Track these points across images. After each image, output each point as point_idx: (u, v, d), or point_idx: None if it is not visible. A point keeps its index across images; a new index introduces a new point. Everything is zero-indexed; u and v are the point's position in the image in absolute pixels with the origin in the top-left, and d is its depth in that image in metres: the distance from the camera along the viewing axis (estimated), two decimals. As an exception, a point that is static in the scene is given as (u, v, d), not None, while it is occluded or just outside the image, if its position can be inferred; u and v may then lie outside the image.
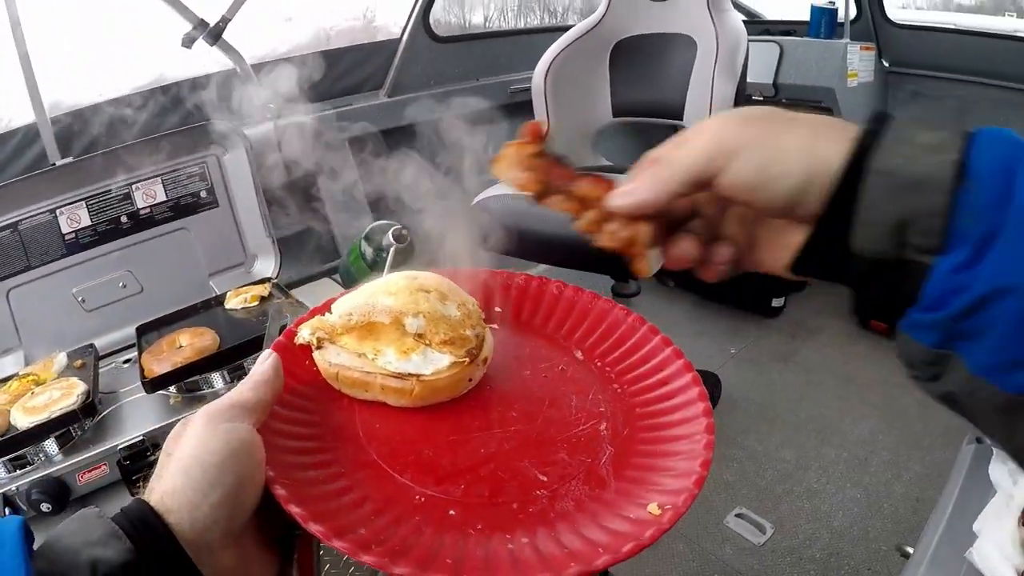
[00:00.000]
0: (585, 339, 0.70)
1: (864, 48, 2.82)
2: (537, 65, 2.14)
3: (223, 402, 0.51)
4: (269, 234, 1.72)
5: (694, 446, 0.55)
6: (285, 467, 0.51)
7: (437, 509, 0.51)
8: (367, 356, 0.60)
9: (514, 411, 0.61)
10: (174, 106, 2.00)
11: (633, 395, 0.63)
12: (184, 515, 0.45)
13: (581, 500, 0.53)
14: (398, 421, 0.59)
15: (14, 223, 1.51)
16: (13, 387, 1.34)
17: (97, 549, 0.41)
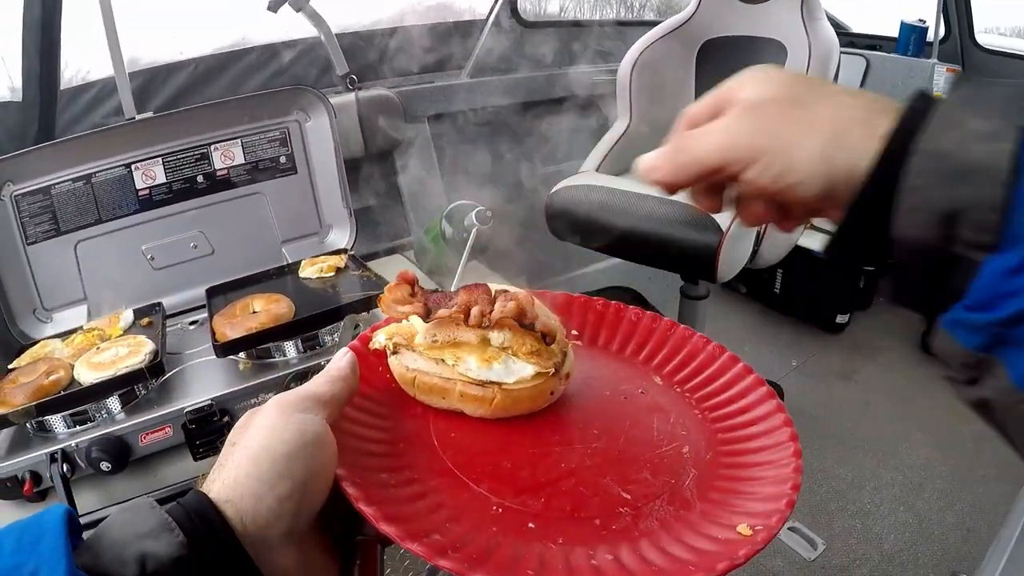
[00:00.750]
0: (664, 365, 0.69)
1: (950, 70, 2.76)
2: (624, 57, 2.09)
3: (297, 392, 0.49)
4: (347, 205, 1.67)
5: (781, 471, 0.53)
6: (356, 468, 0.49)
7: (515, 521, 0.49)
8: (446, 363, 0.58)
9: (595, 428, 0.59)
10: (255, 70, 1.98)
11: (715, 420, 0.61)
12: (247, 507, 0.42)
13: (666, 520, 0.50)
14: (475, 432, 0.58)
15: (88, 175, 1.48)
16: (78, 340, 1.32)
17: (147, 542, 0.39)
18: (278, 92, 1.62)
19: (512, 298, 0.57)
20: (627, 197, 1.67)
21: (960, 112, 0.36)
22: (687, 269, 1.82)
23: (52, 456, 1.11)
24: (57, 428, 1.17)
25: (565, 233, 1.80)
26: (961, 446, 2.24)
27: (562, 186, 1.77)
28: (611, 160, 2.03)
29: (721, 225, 1.54)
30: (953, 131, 0.35)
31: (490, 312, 0.57)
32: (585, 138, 2.17)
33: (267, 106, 1.60)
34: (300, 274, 1.53)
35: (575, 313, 0.74)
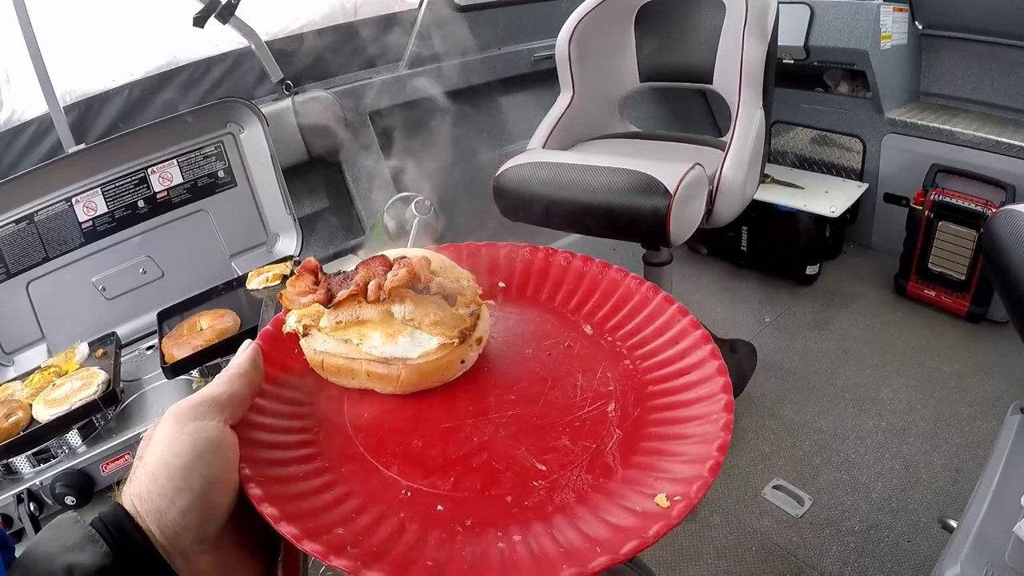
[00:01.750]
0: (595, 312, 0.65)
1: (897, 9, 2.73)
2: (560, 32, 2.07)
3: (192, 399, 0.47)
4: (290, 212, 1.67)
5: (711, 427, 0.50)
6: (264, 464, 0.48)
7: (424, 504, 0.47)
8: (352, 342, 0.56)
9: (512, 394, 0.56)
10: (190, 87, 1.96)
11: (646, 371, 0.58)
12: (153, 520, 0.42)
13: (583, 490, 0.48)
14: (387, 411, 0.55)
15: (30, 214, 1.48)
16: (35, 380, 1.32)
17: (73, 554, 0.40)
18: (208, 107, 1.62)
19: (405, 264, 0.55)
20: (574, 171, 1.66)
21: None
22: (642, 236, 1.81)
23: (19, 497, 1.11)
24: (23, 468, 1.17)
25: (516, 213, 1.78)
26: (942, 386, 2.23)
27: (508, 166, 1.76)
28: (557, 135, 2.01)
29: (669, 188, 1.53)
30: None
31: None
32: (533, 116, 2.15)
33: (199, 122, 1.60)
34: (248, 286, 1.52)
35: (502, 264, 0.71)
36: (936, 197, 2.51)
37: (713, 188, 1.69)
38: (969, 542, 0.93)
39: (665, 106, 3.21)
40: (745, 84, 1.77)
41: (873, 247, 2.99)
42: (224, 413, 0.47)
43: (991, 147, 2.44)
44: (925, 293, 2.64)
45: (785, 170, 3.08)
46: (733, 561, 1.70)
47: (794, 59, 2.82)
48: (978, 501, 1.00)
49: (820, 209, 2.67)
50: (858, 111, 2.85)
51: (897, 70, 2.76)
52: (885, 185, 2.86)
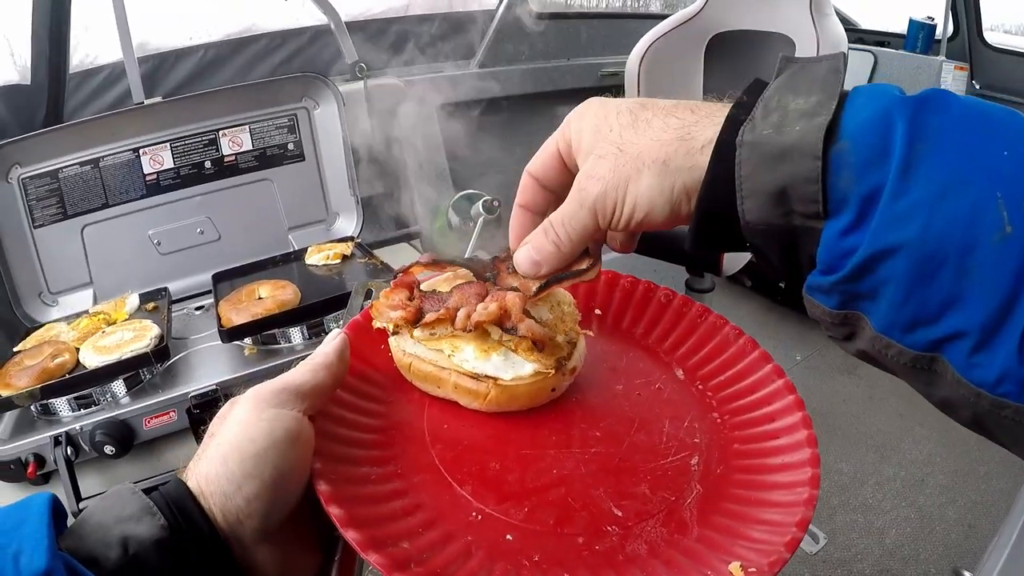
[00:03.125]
0: (689, 357, 0.63)
1: (958, 68, 2.75)
2: (633, 49, 2.08)
3: (274, 384, 0.46)
4: (354, 193, 1.67)
5: (794, 498, 0.48)
6: (336, 460, 0.47)
7: (493, 531, 0.45)
8: (444, 351, 0.54)
9: (598, 431, 0.54)
10: (263, 57, 1.97)
11: (734, 428, 0.56)
12: (217, 503, 0.42)
13: (656, 544, 0.46)
14: (469, 425, 0.54)
15: (96, 159, 1.48)
16: (83, 324, 1.32)
17: (129, 525, 0.40)
18: (287, 79, 1.62)
19: (497, 298, 0.53)
20: (635, 189, 1.66)
21: (782, 95, 0.39)
22: (692, 261, 1.81)
23: (56, 439, 1.11)
24: (61, 411, 1.17)
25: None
26: (963, 442, 2.25)
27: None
28: (620, 152, 2.02)
29: (728, 219, 1.53)
30: (773, 115, 0.38)
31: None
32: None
33: (276, 93, 1.60)
34: (306, 261, 1.52)
35: (601, 290, 0.69)
36: None
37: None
38: None
39: (721, 137, 3.21)
40: (811, 126, 1.78)
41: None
42: (304, 403, 0.46)
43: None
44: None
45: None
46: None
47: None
48: (995, 555, 1.01)
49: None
50: (907, 166, 2.86)
51: (954, 128, 2.78)
52: (926, 240, 2.87)
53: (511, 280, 0.55)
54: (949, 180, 0.33)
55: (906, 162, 0.34)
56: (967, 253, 0.32)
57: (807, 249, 0.38)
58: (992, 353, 0.33)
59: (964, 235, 0.32)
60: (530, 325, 0.52)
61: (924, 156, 0.34)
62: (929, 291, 0.34)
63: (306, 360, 0.49)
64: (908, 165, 0.34)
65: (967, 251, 0.32)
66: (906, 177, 0.34)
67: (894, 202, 0.34)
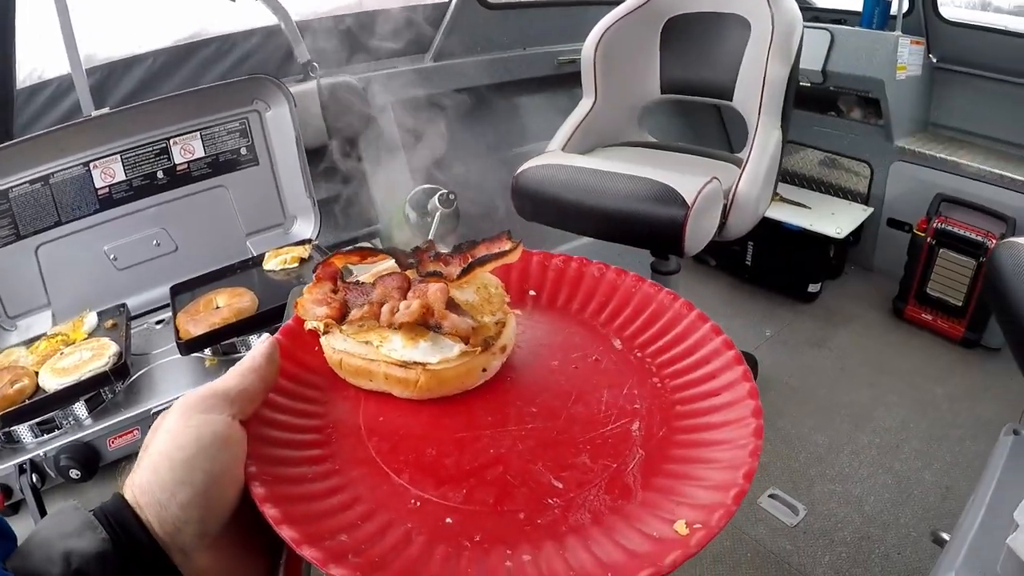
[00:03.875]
0: (626, 326, 0.62)
1: (914, 42, 2.78)
2: (588, 37, 2.07)
3: (201, 391, 0.46)
4: (310, 195, 1.65)
5: (738, 452, 0.48)
6: (272, 462, 0.46)
7: (433, 516, 0.45)
8: (372, 343, 0.54)
9: (534, 407, 0.54)
10: (215, 61, 1.94)
11: (674, 390, 0.55)
12: (153, 513, 0.42)
13: (599, 512, 0.45)
14: (404, 415, 0.53)
15: (45, 176, 1.45)
16: (42, 347, 1.30)
17: (72, 540, 0.40)
18: (236, 82, 1.60)
19: (420, 295, 0.53)
20: (593, 175, 1.66)
21: None
22: (655, 244, 1.82)
23: (21, 467, 1.10)
24: (25, 438, 1.16)
25: (532, 213, 1.79)
26: (935, 407, 2.29)
27: (528, 166, 1.76)
28: (577, 139, 2.02)
29: (687, 199, 1.53)
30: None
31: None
32: (552, 117, 2.15)
33: (226, 97, 1.58)
34: (264, 266, 1.51)
35: (534, 271, 0.68)
36: (939, 225, 2.59)
37: (728, 202, 1.71)
38: (963, 553, 0.96)
39: (680, 118, 3.24)
40: (766, 103, 1.80)
41: (874, 269, 3.05)
42: (233, 408, 0.46)
43: (994, 180, 2.53)
44: (922, 317, 2.71)
45: (794, 189, 3.14)
46: (728, 566, 1.74)
47: (811, 82, 2.88)
48: (971, 515, 1.03)
49: (825, 229, 2.74)
50: (868, 137, 2.92)
51: (909, 100, 2.84)
52: (890, 210, 2.94)
53: (432, 266, 0.56)
54: None
55: None
56: None
57: None
58: None
59: None
60: (454, 322, 0.52)
61: None
62: None
63: (235, 365, 0.49)
64: None
65: None
66: None
67: None
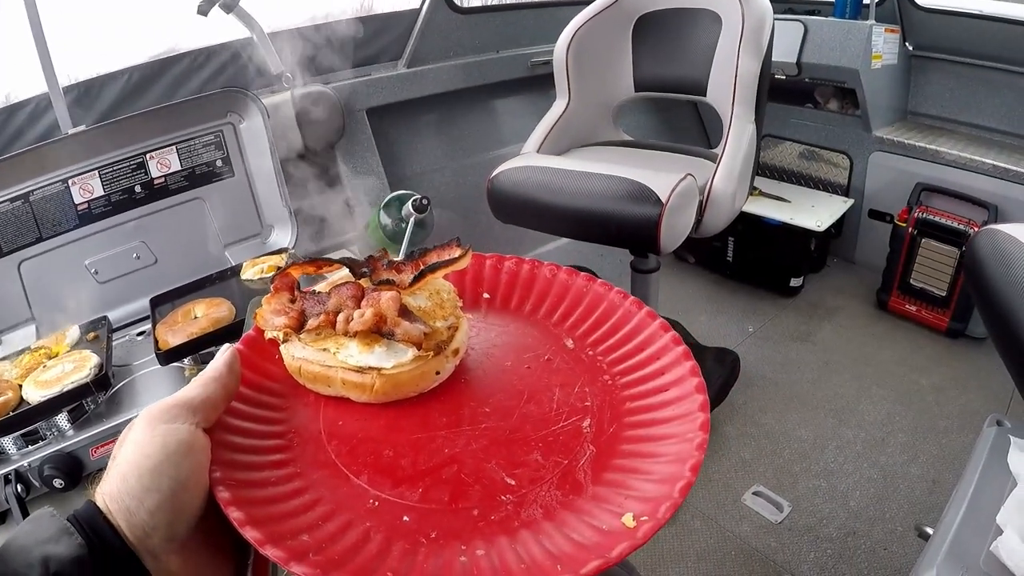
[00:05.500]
0: (577, 326, 0.65)
1: (889, 30, 2.77)
2: (559, 38, 2.09)
3: (165, 402, 0.48)
4: (286, 204, 1.68)
5: (685, 446, 0.49)
6: (235, 467, 0.48)
7: (391, 515, 0.47)
8: (329, 350, 0.56)
9: (487, 407, 0.56)
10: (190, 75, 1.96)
11: (624, 387, 0.57)
12: (123, 520, 0.43)
13: (551, 507, 0.48)
14: (362, 419, 0.55)
15: (25, 194, 1.48)
16: (25, 361, 1.32)
17: (49, 546, 0.41)
18: (210, 96, 1.62)
19: (372, 303, 0.55)
20: (567, 176, 1.68)
21: None
22: (632, 243, 1.83)
23: (6, 478, 1.11)
24: (10, 449, 1.17)
25: (508, 215, 1.80)
26: (920, 399, 2.28)
27: (503, 169, 1.78)
28: (551, 140, 2.03)
29: (661, 197, 1.55)
30: None
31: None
32: (528, 119, 2.17)
33: (200, 111, 1.60)
34: (242, 276, 1.53)
35: (487, 274, 0.70)
36: (920, 215, 2.57)
37: (704, 198, 1.72)
38: (945, 548, 0.95)
39: (656, 116, 3.25)
40: (739, 98, 1.80)
41: (856, 262, 3.05)
42: (196, 416, 0.47)
43: (975, 167, 2.51)
44: (906, 308, 2.70)
45: (773, 183, 3.13)
46: (713, 564, 1.73)
47: (786, 75, 2.87)
48: (954, 510, 1.02)
49: (806, 223, 2.71)
50: (846, 128, 2.92)
51: (886, 89, 2.83)
52: (870, 201, 2.93)
53: (385, 274, 0.57)
54: None
55: None
56: None
57: None
58: None
59: None
60: (406, 329, 0.54)
61: None
62: None
63: (198, 376, 0.51)
64: None
65: None
66: None
67: None
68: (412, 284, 0.56)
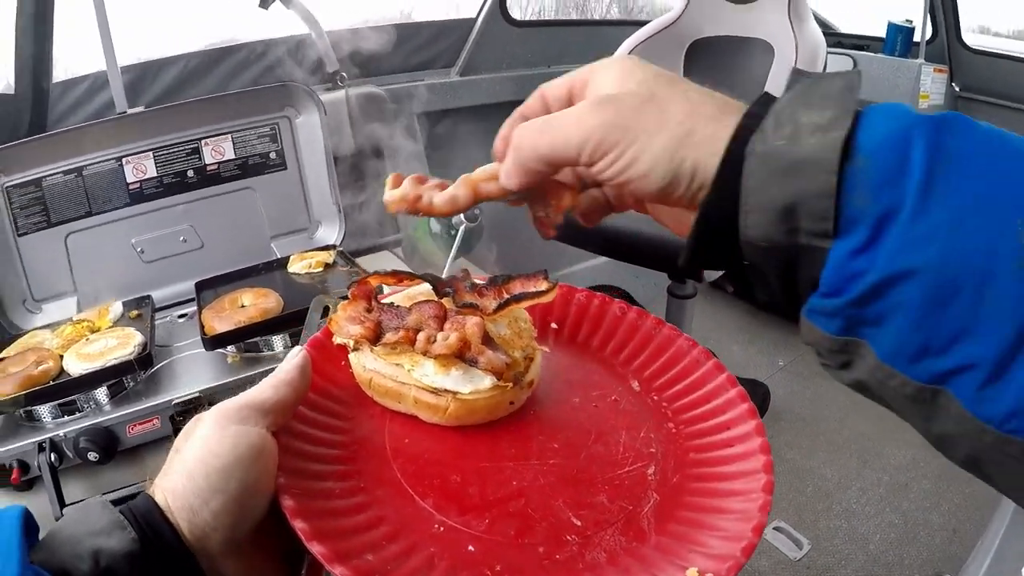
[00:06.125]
0: (644, 368, 0.64)
1: (937, 70, 2.77)
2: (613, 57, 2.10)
3: (238, 401, 0.48)
4: (336, 201, 1.68)
5: (749, 505, 0.49)
6: (300, 475, 0.48)
7: (456, 543, 0.46)
8: (404, 366, 0.55)
9: (556, 442, 0.55)
10: (246, 66, 1.98)
11: (688, 437, 0.57)
12: (184, 518, 0.43)
13: (615, 552, 0.47)
14: (429, 439, 0.55)
15: (79, 168, 1.49)
16: (67, 332, 1.32)
17: (100, 539, 0.40)
18: (269, 88, 1.63)
19: (458, 327, 0.54)
20: (614, 195, 1.68)
21: (794, 108, 0.36)
22: (672, 268, 1.83)
23: (40, 445, 1.11)
24: (45, 418, 1.18)
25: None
26: (947, 446, 2.27)
27: (549, 185, 1.78)
28: (598, 160, 2.03)
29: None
30: (786, 128, 0.36)
31: (435, 340, 0.54)
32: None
33: (258, 102, 1.61)
34: (289, 269, 1.54)
35: (556, 304, 0.69)
36: None
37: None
38: None
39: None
40: (789, 131, 1.80)
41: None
42: (267, 419, 0.47)
43: None
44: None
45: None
46: None
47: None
48: (979, 559, 1.02)
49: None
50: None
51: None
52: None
53: (469, 297, 0.57)
54: (970, 204, 0.32)
55: (926, 182, 0.32)
56: (984, 281, 0.31)
57: (808, 270, 0.37)
58: (1003, 387, 0.32)
59: (983, 262, 0.31)
60: (490, 359, 0.54)
61: (945, 178, 0.32)
62: (942, 319, 0.32)
63: (269, 377, 0.50)
64: (928, 185, 0.32)
65: (985, 279, 0.31)
66: (926, 198, 0.32)
67: (912, 223, 0.32)
68: (495, 311, 0.56)
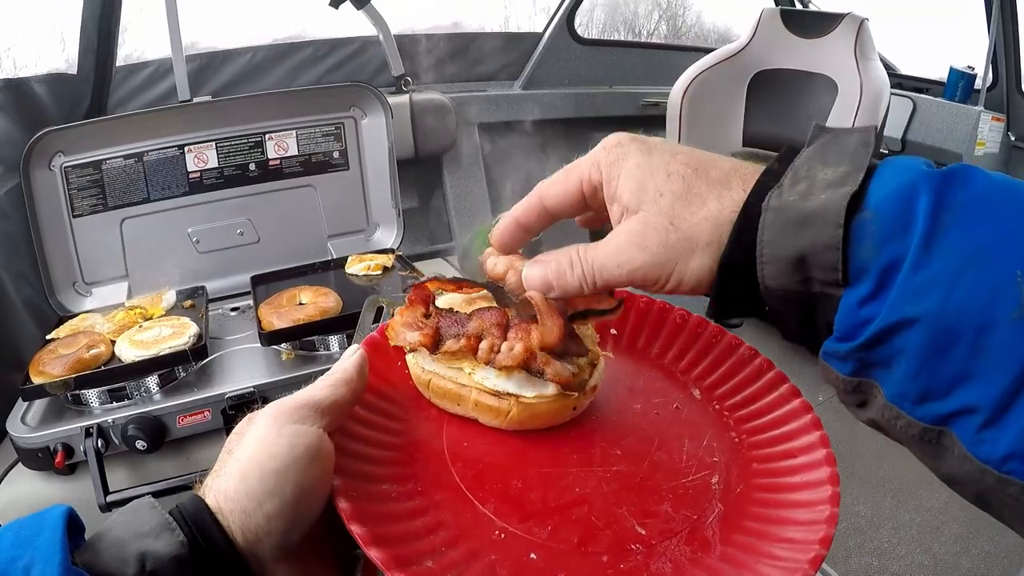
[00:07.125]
0: (705, 376, 0.63)
1: (995, 119, 2.75)
2: (676, 82, 2.09)
3: (294, 400, 0.46)
4: (396, 205, 1.66)
5: (815, 516, 0.47)
6: (357, 477, 0.46)
7: (517, 550, 0.45)
8: (464, 369, 0.53)
9: (618, 449, 0.54)
10: (311, 63, 1.98)
11: (752, 447, 0.56)
12: (236, 521, 0.41)
13: (680, 563, 0.45)
14: (489, 443, 0.53)
15: (140, 153, 1.48)
16: (119, 317, 1.31)
17: (147, 541, 0.39)
18: (337, 87, 1.63)
19: (522, 336, 0.52)
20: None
21: (811, 164, 0.39)
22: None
23: (87, 430, 1.10)
24: (92, 403, 1.16)
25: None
26: (980, 491, 2.27)
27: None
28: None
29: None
30: (801, 184, 0.38)
31: (498, 349, 0.52)
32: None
33: (325, 100, 1.60)
34: (347, 270, 1.52)
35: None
36: None
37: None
38: None
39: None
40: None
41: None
42: (324, 420, 0.45)
43: None
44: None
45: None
46: None
47: (889, 150, 2.84)
48: None
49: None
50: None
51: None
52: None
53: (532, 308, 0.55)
54: (970, 255, 0.34)
55: (928, 235, 0.34)
56: (983, 330, 0.33)
57: (825, 315, 0.39)
58: (1000, 430, 0.33)
59: (982, 311, 0.33)
60: (557, 370, 0.52)
61: (946, 229, 0.34)
62: (942, 365, 0.34)
63: (325, 376, 0.49)
64: (930, 238, 0.34)
65: (983, 328, 0.33)
66: (927, 250, 0.34)
67: (913, 274, 0.34)
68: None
